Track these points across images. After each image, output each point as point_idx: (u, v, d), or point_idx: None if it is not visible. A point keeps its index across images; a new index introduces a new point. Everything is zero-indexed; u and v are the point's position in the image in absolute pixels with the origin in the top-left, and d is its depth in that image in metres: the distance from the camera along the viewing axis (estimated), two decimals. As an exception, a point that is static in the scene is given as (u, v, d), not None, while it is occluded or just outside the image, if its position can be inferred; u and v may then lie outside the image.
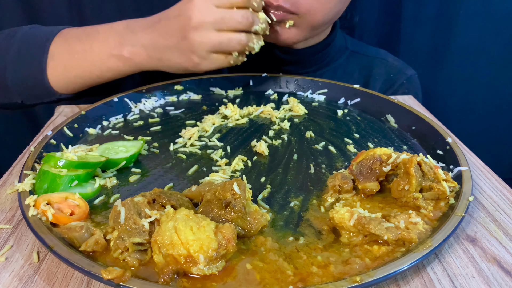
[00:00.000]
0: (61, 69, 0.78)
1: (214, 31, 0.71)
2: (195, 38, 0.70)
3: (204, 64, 0.74)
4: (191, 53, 0.72)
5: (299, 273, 0.43)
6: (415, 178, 0.52)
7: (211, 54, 0.73)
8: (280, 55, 0.99)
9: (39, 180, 0.56)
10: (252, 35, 0.75)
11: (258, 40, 0.77)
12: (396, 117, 0.79)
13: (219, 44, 0.71)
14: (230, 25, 0.71)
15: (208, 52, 0.72)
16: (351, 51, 1.06)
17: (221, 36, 0.71)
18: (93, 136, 0.75)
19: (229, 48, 0.73)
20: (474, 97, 1.36)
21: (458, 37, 1.27)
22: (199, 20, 0.70)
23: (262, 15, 0.76)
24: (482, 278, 0.44)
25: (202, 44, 0.71)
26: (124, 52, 0.75)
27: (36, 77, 0.78)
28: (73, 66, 0.78)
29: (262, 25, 0.76)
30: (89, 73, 0.78)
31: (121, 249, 0.44)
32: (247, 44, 0.74)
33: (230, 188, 0.48)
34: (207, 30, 0.70)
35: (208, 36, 0.70)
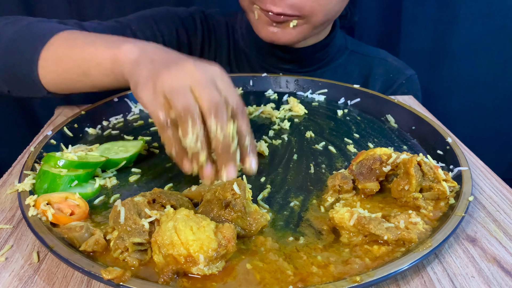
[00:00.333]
0: (53, 60, 0.71)
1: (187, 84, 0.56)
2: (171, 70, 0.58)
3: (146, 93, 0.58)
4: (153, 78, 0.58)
5: (299, 273, 0.43)
6: (415, 178, 0.52)
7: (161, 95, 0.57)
8: (280, 54, 0.99)
9: (39, 180, 0.56)
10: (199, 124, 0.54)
11: (200, 135, 0.53)
12: (396, 117, 0.79)
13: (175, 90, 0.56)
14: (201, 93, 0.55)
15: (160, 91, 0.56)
16: (351, 50, 1.06)
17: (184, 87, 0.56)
18: (93, 136, 0.75)
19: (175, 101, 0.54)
20: (474, 97, 1.36)
21: (458, 37, 1.27)
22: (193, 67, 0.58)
23: (232, 129, 0.55)
24: (482, 278, 0.44)
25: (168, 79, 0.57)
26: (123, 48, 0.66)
27: (26, 67, 0.72)
28: (65, 59, 0.71)
29: (220, 133, 0.54)
30: (76, 67, 0.70)
31: (121, 249, 0.44)
32: (187, 117, 0.53)
33: (230, 188, 0.48)
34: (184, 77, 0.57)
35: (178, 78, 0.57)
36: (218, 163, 0.55)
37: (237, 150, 0.55)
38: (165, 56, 0.62)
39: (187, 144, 0.53)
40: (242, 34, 1.03)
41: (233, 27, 1.05)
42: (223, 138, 0.54)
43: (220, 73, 0.60)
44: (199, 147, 0.54)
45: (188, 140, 0.53)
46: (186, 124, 0.54)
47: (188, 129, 0.53)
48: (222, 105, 0.55)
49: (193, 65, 0.58)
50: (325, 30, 0.98)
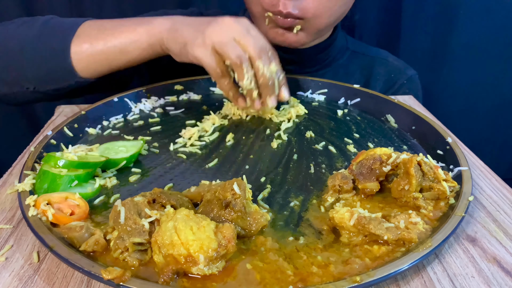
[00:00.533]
0: (86, 46, 0.77)
1: (231, 36, 0.71)
2: (214, 27, 0.71)
3: (199, 49, 0.72)
4: (200, 35, 0.72)
5: (299, 273, 0.43)
6: (415, 178, 0.52)
7: (211, 50, 0.71)
8: (282, 54, 0.99)
9: (39, 180, 0.56)
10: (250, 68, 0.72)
11: (251, 77, 0.72)
12: (396, 117, 0.79)
13: (225, 44, 0.70)
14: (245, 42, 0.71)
15: (210, 43, 0.71)
16: (352, 51, 1.07)
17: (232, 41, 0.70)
18: (93, 136, 0.75)
19: (228, 53, 0.70)
20: (474, 97, 1.36)
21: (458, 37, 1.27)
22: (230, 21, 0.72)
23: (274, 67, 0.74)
24: (482, 278, 0.44)
25: (214, 34, 0.71)
26: (154, 22, 0.77)
27: (57, 56, 0.77)
28: (99, 42, 0.77)
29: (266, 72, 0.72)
30: (113, 47, 0.77)
31: (121, 249, 0.44)
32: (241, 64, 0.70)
33: (230, 188, 0.48)
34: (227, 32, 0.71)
35: (224, 34, 0.71)
36: (263, 95, 0.75)
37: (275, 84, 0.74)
38: (196, 19, 0.75)
39: (244, 85, 0.72)
40: None
41: None
42: (268, 75, 0.72)
43: (250, 24, 0.74)
44: (252, 86, 0.72)
45: (245, 82, 0.71)
46: (241, 69, 0.70)
47: (244, 74, 0.71)
48: (265, 49, 0.73)
49: (229, 19, 0.72)
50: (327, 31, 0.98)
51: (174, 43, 0.75)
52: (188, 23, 0.75)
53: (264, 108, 0.76)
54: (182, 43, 0.73)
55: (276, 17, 0.85)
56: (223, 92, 0.77)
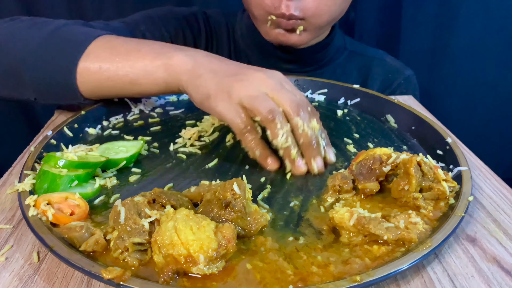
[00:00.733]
0: (95, 69, 0.70)
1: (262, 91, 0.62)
2: (242, 80, 0.63)
3: (222, 104, 0.62)
4: (225, 90, 0.63)
5: (299, 273, 0.43)
6: (415, 178, 0.52)
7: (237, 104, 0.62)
8: (281, 54, 0.99)
9: (39, 180, 0.56)
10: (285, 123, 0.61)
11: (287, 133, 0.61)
12: (396, 117, 0.79)
13: (255, 98, 0.61)
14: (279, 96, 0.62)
15: (239, 99, 0.61)
16: (350, 51, 1.07)
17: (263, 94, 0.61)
18: (93, 136, 0.75)
19: (259, 108, 0.60)
20: (474, 97, 1.36)
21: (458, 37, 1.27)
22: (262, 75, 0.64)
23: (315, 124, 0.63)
24: (482, 278, 0.44)
25: (243, 88, 0.62)
26: (175, 58, 0.67)
27: (62, 74, 0.70)
28: (109, 67, 0.70)
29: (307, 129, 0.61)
30: (123, 76, 0.70)
31: (121, 249, 0.44)
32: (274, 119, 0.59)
33: (230, 188, 0.48)
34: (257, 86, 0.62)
35: (253, 87, 0.62)
36: (306, 156, 0.62)
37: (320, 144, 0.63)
38: (224, 66, 0.67)
39: (279, 143, 0.61)
40: (242, 35, 1.04)
41: (233, 27, 1.06)
42: (310, 133, 0.61)
43: (284, 77, 0.66)
44: (290, 142, 0.61)
45: (280, 139, 0.60)
46: (274, 125, 0.60)
47: (277, 130, 0.60)
48: (303, 105, 0.62)
49: (261, 73, 0.64)
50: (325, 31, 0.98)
51: (195, 92, 0.66)
52: (212, 70, 0.65)
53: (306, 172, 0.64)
54: (205, 95, 0.64)
55: (279, 19, 0.85)
56: (249, 151, 0.64)
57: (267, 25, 0.89)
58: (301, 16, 0.84)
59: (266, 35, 0.93)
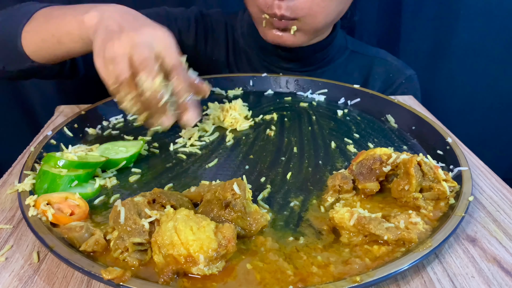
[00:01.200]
0: (33, 32, 0.77)
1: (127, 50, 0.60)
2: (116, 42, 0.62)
3: (97, 62, 0.63)
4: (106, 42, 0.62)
5: (299, 273, 0.43)
6: (415, 178, 0.52)
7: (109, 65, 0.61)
8: (281, 52, 0.99)
9: (39, 180, 0.56)
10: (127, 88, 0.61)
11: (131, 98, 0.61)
12: (396, 117, 0.79)
13: (114, 60, 0.60)
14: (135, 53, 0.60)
15: (109, 56, 0.61)
16: (351, 50, 1.07)
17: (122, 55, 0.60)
18: (93, 136, 0.75)
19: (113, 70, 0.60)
20: (474, 97, 1.36)
21: (458, 37, 1.27)
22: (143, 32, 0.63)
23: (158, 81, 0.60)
24: (482, 278, 0.44)
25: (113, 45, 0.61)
26: (86, 15, 0.68)
27: (11, 40, 0.78)
28: (42, 30, 0.76)
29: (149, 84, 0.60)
30: (51, 37, 0.74)
31: (121, 249, 0.44)
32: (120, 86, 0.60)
33: (230, 188, 0.48)
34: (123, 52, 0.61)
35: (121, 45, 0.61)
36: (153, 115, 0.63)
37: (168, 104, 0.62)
38: (119, 21, 0.66)
39: (127, 107, 0.61)
40: (243, 33, 1.04)
41: (233, 26, 1.06)
42: (151, 92, 0.60)
43: (163, 35, 0.64)
44: (135, 110, 0.62)
45: (125, 105, 0.61)
46: (120, 92, 0.61)
47: (122, 98, 0.61)
48: (150, 60, 0.60)
49: (136, 33, 0.62)
50: (326, 30, 0.98)
51: (93, 45, 0.65)
52: (107, 26, 0.65)
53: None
54: (93, 50, 0.64)
55: (272, 19, 0.86)
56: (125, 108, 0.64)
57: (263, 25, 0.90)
58: (292, 17, 0.84)
59: (264, 36, 0.93)
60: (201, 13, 1.06)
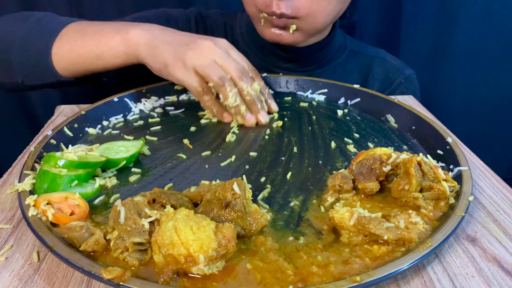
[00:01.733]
0: (66, 48, 0.80)
1: (212, 59, 0.74)
2: (194, 50, 0.74)
3: (181, 71, 0.75)
4: (180, 59, 0.74)
5: (299, 272, 0.43)
6: (415, 178, 0.52)
7: (192, 71, 0.74)
8: (280, 52, 0.99)
9: (39, 180, 0.56)
10: (234, 86, 0.75)
11: (236, 95, 0.75)
12: (396, 117, 0.79)
13: (207, 66, 0.73)
14: (226, 64, 0.74)
15: (193, 66, 0.74)
16: (350, 50, 1.07)
17: (213, 63, 0.74)
18: (93, 136, 0.75)
19: (210, 75, 0.73)
20: (474, 97, 1.36)
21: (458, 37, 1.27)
22: (209, 44, 0.75)
23: (256, 86, 0.78)
24: (482, 278, 0.44)
25: (195, 57, 0.74)
26: (132, 32, 0.77)
27: (40, 56, 0.81)
28: (78, 46, 0.80)
29: (251, 90, 0.76)
30: (90, 52, 0.79)
31: (121, 249, 0.44)
32: (224, 84, 0.74)
33: (230, 188, 0.48)
34: (208, 54, 0.74)
35: (204, 56, 0.74)
36: (252, 112, 0.78)
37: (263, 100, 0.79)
38: (177, 37, 0.77)
39: (230, 103, 0.75)
40: (242, 34, 1.04)
41: (232, 27, 1.06)
42: (253, 94, 0.77)
43: (230, 45, 0.79)
44: (238, 101, 0.75)
45: (230, 100, 0.74)
46: (225, 89, 0.74)
47: (227, 93, 0.74)
48: (245, 70, 0.77)
49: (210, 42, 0.75)
50: (325, 30, 0.98)
51: (153, 62, 0.77)
52: (167, 41, 0.76)
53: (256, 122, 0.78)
54: (163, 64, 0.76)
55: (271, 17, 0.86)
56: (208, 110, 0.80)
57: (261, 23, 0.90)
58: (292, 15, 0.84)
59: (262, 34, 0.93)
60: (201, 15, 1.06)
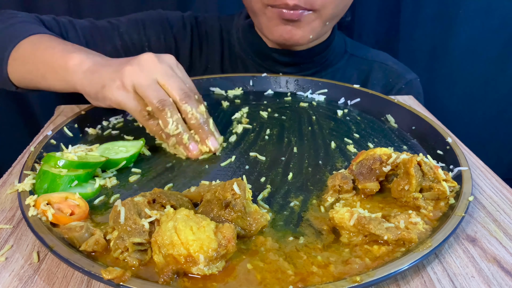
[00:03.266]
0: (20, 61, 0.78)
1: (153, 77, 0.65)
2: (134, 66, 0.65)
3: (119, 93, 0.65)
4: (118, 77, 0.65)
5: (299, 273, 0.43)
6: (415, 178, 0.52)
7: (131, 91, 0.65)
8: (278, 57, 0.98)
9: (39, 180, 0.56)
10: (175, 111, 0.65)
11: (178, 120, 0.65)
12: (396, 117, 0.79)
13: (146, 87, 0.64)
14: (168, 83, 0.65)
15: (132, 86, 0.64)
16: (350, 54, 1.05)
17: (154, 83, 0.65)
18: (93, 136, 0.75)
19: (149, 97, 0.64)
20: (474, 97, 1.36)
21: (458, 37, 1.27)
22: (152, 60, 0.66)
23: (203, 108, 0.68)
24: (482, 278, 0.44)
25: (134, 75, 0.64)
26: (75, 55, 0.71)
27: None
28: (29, 61, 0.77)
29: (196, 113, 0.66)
30: (36, 70, 0.76)
31: (121, 249, 0.44)
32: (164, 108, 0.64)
33: (230, 188, 0.48)
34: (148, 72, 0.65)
35: (144, 74, 0.65)
36: (200, 138, 0.66)
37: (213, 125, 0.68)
38: (119, 60, 0.69)
39: (170, 131, 0.64)
40: (239, 38, 1.02)
41: (229, 32, 1.04)
42: (200, 117, 0.66)
43: (175, 62, 0.69)
44: (181, 129, 0.64)
45: (170, 127, 0.64)
46: (164, 113, 0.63)
47: (167, 119, 0.64)
48: (189, 92, 0.66)
49: (151, 58, 0.66)
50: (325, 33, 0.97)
51: (90, 87, 0.68)
52: (108, 64, 0.68)
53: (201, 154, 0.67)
54: (100, 85, 0.66)
55: (281, 10, 0.83)
56: (156, 136, 0.68)
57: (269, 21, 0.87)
58: (307, 7, 0.82)
59: (270, 34, 0.90)
60: (196, 20, 1.05)
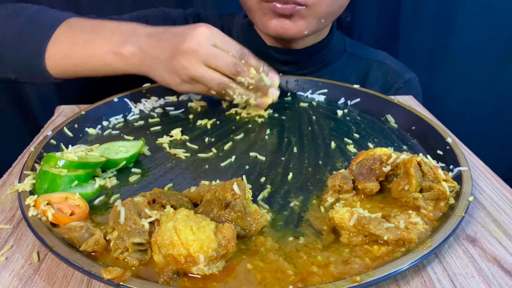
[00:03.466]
0: (60, 55, 0.80)
1: (201, 63, 0.73)
2: (180, 62, 0.73)
3: (184, 86, 0.77)
4: (174, 73, 0.75)
5: (299, 272, 0.43)
6: (415, 178, 0.52)
7: (193, 81, 0.75)
8: (277, 55, 0.98)
9: (39, 180, 0.56)
10: (235, 85, 0.76)
11: (241, 92, 0.77)
12: (396, 117, 0.79)
13: (201, 77, 0.73)
14: (217, 65, 0.73)
15: (189, 78, 0.74)
16: (349, 53, 1.05)
17: (205, 71, 0.73)
18: (93, 136, 0.75)
19: (208, 85, 0.74)
20: (474, 97, 1.36)
21: (457, 37, 1.27)
22: (191, 47, 0.72)
23: (253, 71, 0.77)
24: (482, 278, 0.44)
25: (185, 69, 0.73)
26: (124, 50, 0.77)
27: (34, 60, 0.80)
28: (72, 55, 0.80)
29: (251, 80, 0.76)
30: (85, 64, 0.80)
31: (121, 249, 0.44)
32: (225, 89, 0.75)
33: (230, 188, 0.48)
34: (195, 60, 0.72)
35: (193, 65, 0.73)
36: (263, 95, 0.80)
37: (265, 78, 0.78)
38: (161, 46, 0.76)
39: (239, 103, 0.80)
40: (239, 37, 1.03)
41: (230, 29, 1.05)
42: (255, 80, 0.77)
43: (211, 34, 0.74)
44: (245, 98, 0.79)
45: (238, 101, 0.78)
46: (227, 93, 0.76)
47: (233, 96, 0.77)
48: (238, 63, 0.75)
49: (192, 47, 0.72)
50: (323, 31, 0.98)
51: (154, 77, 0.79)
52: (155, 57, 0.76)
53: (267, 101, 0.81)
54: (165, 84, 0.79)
55: (274, 4, 0.83)
56: (246, 96, 0.79)
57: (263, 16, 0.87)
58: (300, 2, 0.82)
59: (265, 28, 0.90)
60: (198, 17, 1.05)
